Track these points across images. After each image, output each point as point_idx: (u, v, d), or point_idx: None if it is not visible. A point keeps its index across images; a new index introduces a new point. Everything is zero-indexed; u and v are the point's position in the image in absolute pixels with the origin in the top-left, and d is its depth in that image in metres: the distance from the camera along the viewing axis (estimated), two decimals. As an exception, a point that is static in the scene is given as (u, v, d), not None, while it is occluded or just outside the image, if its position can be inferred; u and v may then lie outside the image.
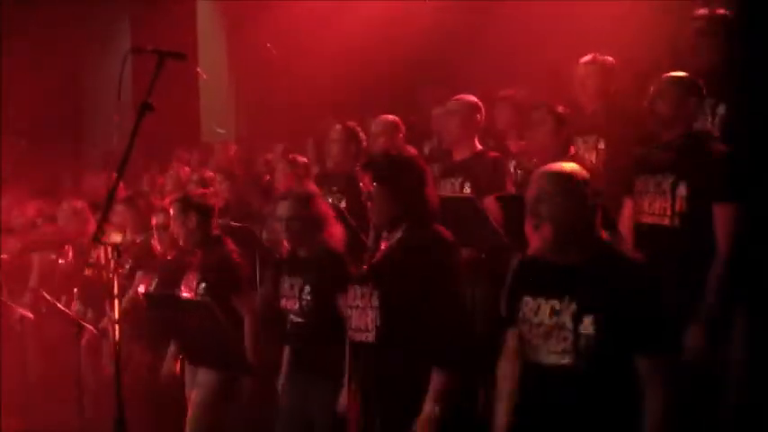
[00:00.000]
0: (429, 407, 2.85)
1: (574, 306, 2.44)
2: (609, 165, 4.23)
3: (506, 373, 2.71)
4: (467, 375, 2.98)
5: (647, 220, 3.48)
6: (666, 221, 3.42)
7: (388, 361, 2.91)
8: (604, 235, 2.56)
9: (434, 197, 3.09)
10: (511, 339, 2.69)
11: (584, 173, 2.59)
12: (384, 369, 2.92)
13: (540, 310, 2.52)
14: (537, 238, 2.53)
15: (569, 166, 2.65)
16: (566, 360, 2.43)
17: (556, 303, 2.48)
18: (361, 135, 4.99)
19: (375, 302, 2.93)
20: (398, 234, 3.01)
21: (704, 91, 3.59)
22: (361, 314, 2.99)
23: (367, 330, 2.96)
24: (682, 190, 3.40)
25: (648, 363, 2.40)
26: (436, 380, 2.86)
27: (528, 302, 2.57)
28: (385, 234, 3.07)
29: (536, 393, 2.55)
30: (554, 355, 2.46)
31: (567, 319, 2.44)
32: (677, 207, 3.39)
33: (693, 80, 3.60)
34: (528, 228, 2.55)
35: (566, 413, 2.46)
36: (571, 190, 2.49)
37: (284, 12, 8.52)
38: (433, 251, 2.92)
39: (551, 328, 2.46)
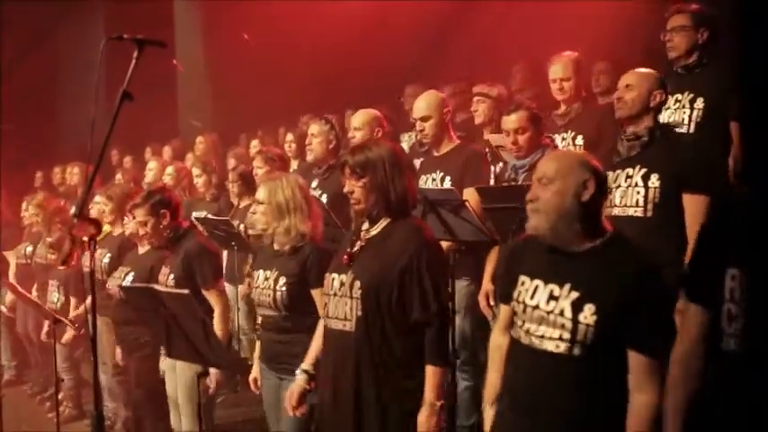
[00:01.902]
0: (432, 402, 2.87)
1: (575, 294, 2.39)
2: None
3: (499, 342, 2.72)
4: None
5: (619, 212, 3.51)
6: (640, 212, 3.46)
7: (368, 351, 2.90)
8: (610, 228, 2.51)
9: (413, 189, 3.10)
10: (504, 313, 2.70)
11: (591, 161, 2.53)
12: (362, 359, 2.91)
13: (536, 293, 2.48)
14: (533, 222, 2.49)
15: (575, 153, 2.64)
16: (561, 348, 2.40)
17: (555, 288, 2.44)
18: (338, 129, 4.99)
19: (356, 293, 2.93)
20: (379, 226, 3.02)
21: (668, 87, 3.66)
22: (339, 303, 2.99)
23: (346, 319, 2.96)
24: (654, 181, 3.44)
25: (641, 361, 2.36)
26: (434, 376, 2.88)
27: (524, 282, 2.53)
28: (365, 226, 3.07)
29: (526, 377, 2.51)
30: (549, 341, 2.43)
31: (566, 307, 2.40)
32: (651, 197, 3.44)
33: (659, 75, 3.68)
34: (528, 209, 2.52)
35: (555, 398, 2.43)
36: (571, 176, 2.45)
37: (262, 6, 8.49)
38: (413, 244, 2.92)
39: (548, 314, 2.43)
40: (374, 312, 2.90)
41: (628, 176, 3.52)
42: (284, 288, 3.51)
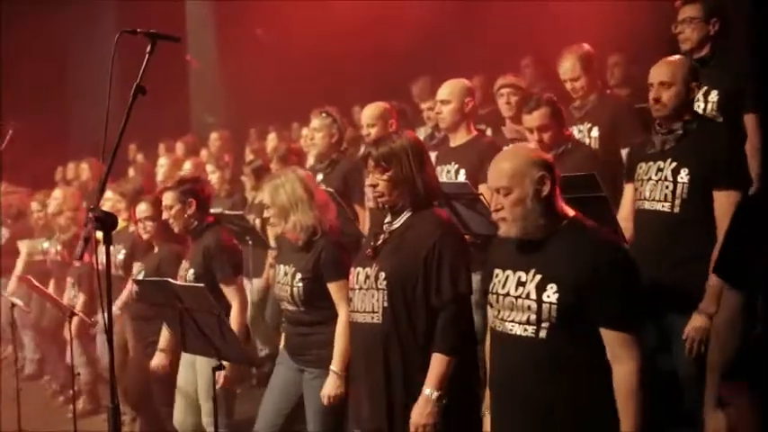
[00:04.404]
0: (429, 391, 2.86)
1: (539, 277, 2.50)
2: (602, 152, 4.24)
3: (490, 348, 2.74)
4: (467, 359, 2.98)
5: (648, 206, 3.44)
6: (667, 207, 3.37)
7: (396, 342, 2.91)
8: (571, 212, 2.60)
9: (435, 179, 3.11)
10: (491, 314, 2.73)
11: (537, 154, 2.65)
12: (391, 350, 2.92)
13: (507, 282, 2.57)
14: (504, 230, 2.58)
15: (519, 152, 2.68)
16: (528, 332, 2.49)
17: (522, 275, 2.54)
18: (341, 122, 4.99)
19: (382, 284, 2.94)
20: (401, 219, 3.02)
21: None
22: (365, 296, 3.00)
23: (373, 312, 2.96)
24: (683, 176, 3.34)
25: (613, 337, 2.44)
26: (438, 365, 2.87)
27: (498, 274, 2.62)
28: (387, 219, 3.08)
29: (503, 364, 2.59)
30: (518, 326, 2.52)
31: (531, 289, 2.50)
32: (679, 193, 3.34)
33: (691, 63, 3.59)
34: (495, 218, 2.61)
35: (523, 383, 2.51)
36: (525, 178, 2.53)
37: (273, 2, 8.50)
38: (436, 233, 2.92)
39: (516, 299, 2.52)
40: (400, 302, 2.91)
41: (659, 170, 3.41)
42: (300, 284, 3.53)
